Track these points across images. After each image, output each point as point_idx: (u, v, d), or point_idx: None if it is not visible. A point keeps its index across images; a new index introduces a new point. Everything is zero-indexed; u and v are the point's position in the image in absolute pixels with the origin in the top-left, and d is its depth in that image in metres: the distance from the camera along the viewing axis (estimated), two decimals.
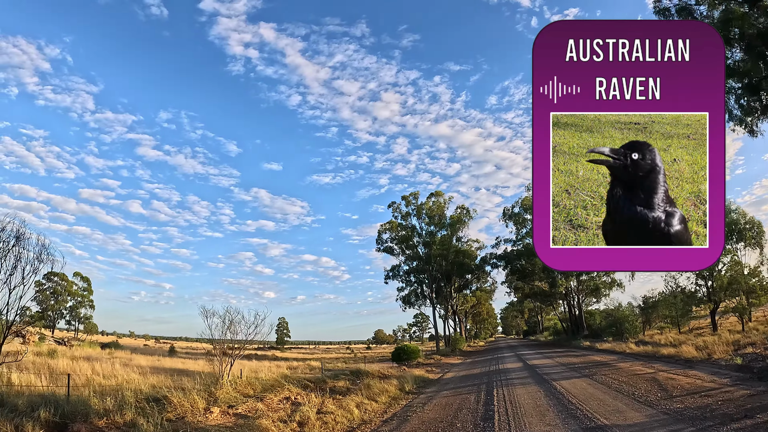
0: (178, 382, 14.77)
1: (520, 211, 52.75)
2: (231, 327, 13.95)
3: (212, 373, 15.07)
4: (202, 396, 12.25)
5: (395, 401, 14.11)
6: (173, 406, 10.98)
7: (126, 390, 12.23)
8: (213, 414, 11.09)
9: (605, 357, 24.63)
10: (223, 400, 12.69)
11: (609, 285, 49.10)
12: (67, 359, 22.75)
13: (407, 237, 53.05)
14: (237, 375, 15.28)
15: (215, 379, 14.28)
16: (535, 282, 54.75)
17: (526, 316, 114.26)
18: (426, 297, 55.52)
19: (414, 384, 18.10)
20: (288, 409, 12.24)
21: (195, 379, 14.57)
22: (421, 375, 21.71)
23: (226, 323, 13.85)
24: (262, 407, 12.14)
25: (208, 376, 15.08)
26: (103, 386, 14.35)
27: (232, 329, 14.04)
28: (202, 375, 15.55)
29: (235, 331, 14.17)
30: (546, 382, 15.41)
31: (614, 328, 37.91)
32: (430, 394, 15.10)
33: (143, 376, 17.88)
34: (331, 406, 12.61)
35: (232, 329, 14.02)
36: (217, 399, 12.80)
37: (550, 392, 12.82)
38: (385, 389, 15.97)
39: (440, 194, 54.97)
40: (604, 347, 31.95)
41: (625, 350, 27.15)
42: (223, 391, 13.45)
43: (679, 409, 9.38)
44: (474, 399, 12.88)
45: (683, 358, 20.11)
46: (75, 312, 72.83)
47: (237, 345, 15.33)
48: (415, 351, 31.20)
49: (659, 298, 37.02)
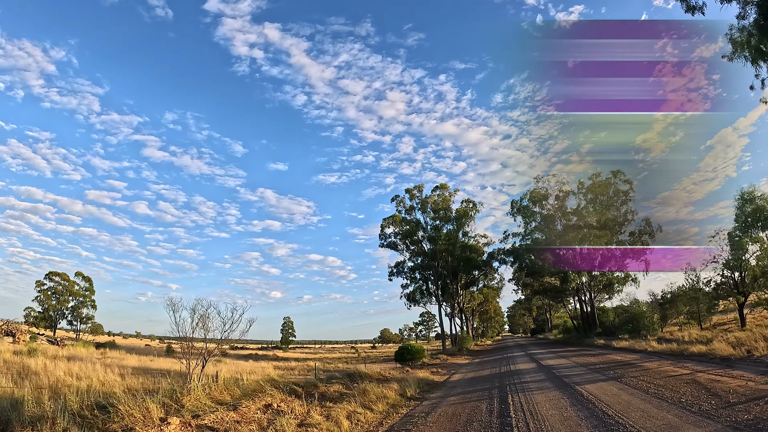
0: (158, 384, 13.05)
1: (529, 204, 50.61)
2: (202, 323, 12.01)
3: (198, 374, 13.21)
4: (160, 403, 10.39)
5: (394, 410, 12.17)
6: (120, 415, 9.11)
7: (72, 394, 10.42)
8: (171, 426, 9.19)
9: (626, 356, 22.57)
10: (189, 409, 10.80)
11: (623, 280, 46.85)
12: (48, 359, 21.32)
13: (411, 231, 50.92)
14: (213, 377, 13.37)
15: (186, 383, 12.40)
16: (545, 278, 52.62)
17: (534, 314, 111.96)
18: (431, 294, 53.40)
19: (417, 388, 16.15)
20: (265, 420, 10.32)
21: (163, 382, 12.72)
22: (426, 377, 19.74)
23: (195, 319, 11.93)
24: (234, 418, 10.23)
25: (184, 378, 13.23)
26: (71, 388, 12.81)
27: (204, 325, 12.10)
28: (169, 378, 13.70)
29: (207, 328, 12.23)
30: (567, 386, 13.39)
31: (630, 325, 35.70)
32: (434, 401, 13.14)
33: (122, 378, 16.39)
34: (317, 417, 10.69)
35: (203, 325, 12.08)
36: (183, 407, 10.93)
37: (577, 399, 10.81)
38: (383, 395, 14.04)
39: (445, 187, 52.82)
40: (620, 345, 29.86)
41: (646, 348, 25.06)
42: (192, 397, 11.57)
43: (751, 422, 7.37)
44: (486, 408, 10.90)
45: (718, 356, 18.04)
46: (77, 312, 71.71)
47: (215, 343, 13.43)
48: (419, 351, 29.24)
49: (679, 292, 34.78)
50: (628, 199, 47.94)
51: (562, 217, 49.60)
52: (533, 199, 50.07)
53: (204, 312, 11.97)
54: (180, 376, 13.77)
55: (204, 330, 12.02)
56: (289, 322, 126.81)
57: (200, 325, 11.91)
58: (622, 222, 47.77)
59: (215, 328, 12.77)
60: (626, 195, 47.92)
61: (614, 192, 47.44)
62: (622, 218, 47.82)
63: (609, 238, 44.72)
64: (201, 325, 11.93)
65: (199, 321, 11.86)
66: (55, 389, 12.83)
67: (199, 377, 12.52)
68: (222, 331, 12.68)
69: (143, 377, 15.99)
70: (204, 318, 11.91)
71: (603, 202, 47.40)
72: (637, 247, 46.52)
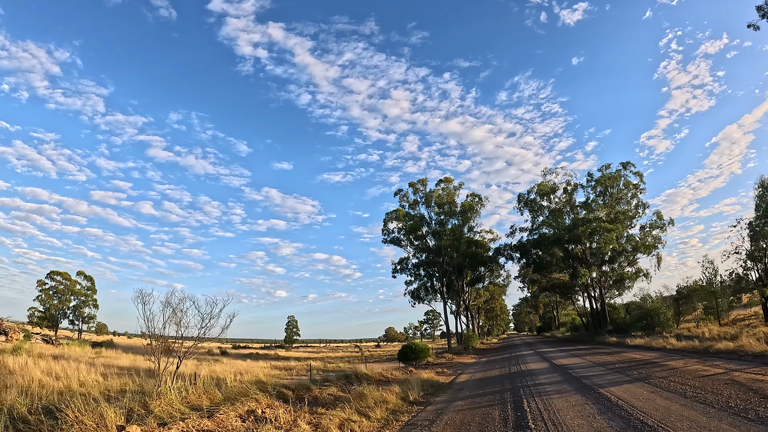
0: (141, 385, 11.74)
1: (536, 198, 49.00)
2: (175, 317, 10.62)
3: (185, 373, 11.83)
4: (126, 408, 9.04)
5: (394, 416, 10.75)
6: (69, 422, 7.75)
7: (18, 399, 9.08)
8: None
9: (644, 354, 21.06)
10: (157, 415, 9.44)
11: (634, 275, 45.17)
12: (33, 357, 20.36)
13: (415, 226, 49.31)
14: (191, 379, 11.99)
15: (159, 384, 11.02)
16: (554, 273, 51.03)
17: (541, 311, 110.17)
18: (436, 291, 51.83)
19: (420, 391, 14.73)
20: (243, 429, 8.94)
21: (130, 383, 11.35)
22: (430, 378, 18.30)
23: (166, 312, 10.55)
24: (207, 427, 8.85)
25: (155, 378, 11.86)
26: (47, 388, 11.87)
27: (177, 320, 10.70)
28: (154, 380, 12.34)
29: (181, 323, 10.83)
30: (589, 389, 11.93)
31: (644, 322, 34.10)
32: (439, 406, 11.71)
33: (104, 378, 15.20)
34: (303, 426, 9.29)
35: (176, 320, 10.69)
36: (151, 412, 9.57)
37: (604, 405, 9.35)
38: (383, 399, 12.63)
39: (450, 181, 51.21)
40: (635, 343, 28.32)
41: (665, 346, 23.55)
42: (163, 401, 10.21)
43: None
44: (499, 416, 9.46)
45: (749, 353, 16.58)
46: (78, 311, 70.88)
47: (192, 340, 12.06)
48: (423, 350, 27.79)
49: (695, 286, 33.15)
50: (638, 192, 46.32)
51: (570, 210, 47.96)
52: (541, 192, 48.45)
53: (176, 305, 10.56)
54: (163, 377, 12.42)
55: (177, 325, 10.62)
56: (294, 321, 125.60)
57: (173, 320, 10.51)
58: (633, 215, 46.13)
59: (192, 323, 11.39)
60: (636, 187, 46.27)
61: (624, 184, 45.79)
62: (632, 211, 46.19)
63: (620, 232, 43.08)
64: (173, 320, 10.53)
65: (171, 315, 10.46)
66: (25, 389, 11.58)
67: (173, 379, 11.16)
68: (200, 327, 11.27)
69: (128, 378, 14.71)
70: (177, 312, 10.51)
71: (613, 195, 45.74)
72: (648, 241, 44.89)
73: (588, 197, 47.05)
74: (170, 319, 10.57)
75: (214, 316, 11.38)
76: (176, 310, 10.55)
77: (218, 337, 11.84)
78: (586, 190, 47.79)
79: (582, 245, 45.52)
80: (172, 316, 10.55)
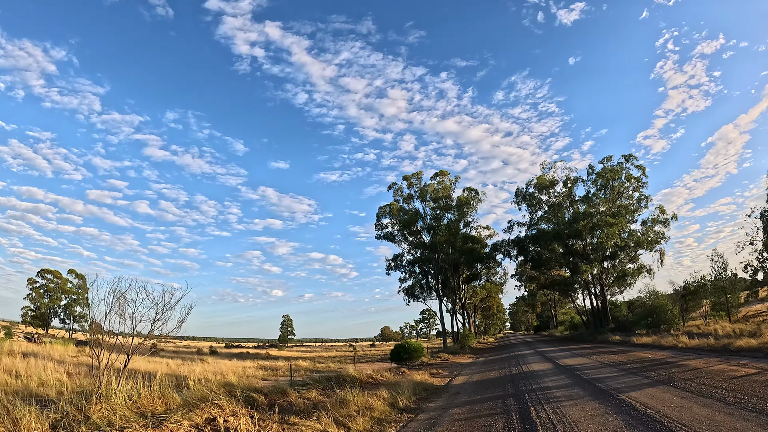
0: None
1: (535, 192, 47.41)
2: (119, 307, 8.90)
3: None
4: (62, 413, 7.39)
5: (379, 427, 9.09)
6: None
7: None
8: None
9: (655, 353, 19.51)
10: (94, 422, 7.81)
11: (636, 272, 43.64)
12: (2, 355, 19.37)
13: (410, 221, 47.54)
14: (145, 380, 10.28)
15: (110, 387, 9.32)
16: (553, 270, 49.47)
17: (539, 310, 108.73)
18: (431, 289, 50.13)
19: (412, 395, 13.07)
20: None
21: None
22: (424, 380, 16.64)
23: (111, 302, 8.84)
24: None
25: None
26: None
27: (122, 310, 8.99)
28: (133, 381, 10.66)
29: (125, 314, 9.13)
30: (606, 394, 10.29)
31: (649, 320, 32.57)
32: (433, 415, 10.05)
33: (69, 377, 13.87)
34: None
35: (120, 310, 8.97)
36: (88, 418, 7.92)
37: (631, 416, 7.71)
38: (367, 405, 10.97)
39: (445, 174, 49.50)
40: (642, 341, 26.80)
41: (676, 344, 22.01)
42: (105, 406, 8.54)
43: None
44: (503, 428, 7.81)
45: None
46: (69, 310, 69.10)
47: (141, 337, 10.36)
48: (417, 349, 26.14)
49: (703, 282, 31.65)
50: (640, 185, 44.81)
51: (570, 205, 46.40)
52: (539, 186, 46.86)
53: (121, 294, 8.83)
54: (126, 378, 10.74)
55: (121, 315, 8.92)
56: (289, 320, 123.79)
57: (116, 310, 8.80)
58: (635, 209, 44.61)
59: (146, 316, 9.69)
60: (638, 181, 44.76)
61: (626, 177, 44.27)
62: (634, 205, 44.67)
63: (622, 227, 41.56)
64: (117, 310, 8.82)
65: (114, 304, 8.74)
66: None
67: (119, 379, 9.47)
68: (152, 319, 9.58)
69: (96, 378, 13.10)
70: (121, 300, 8.79)
71: (615, 189, 44.19)
72: (651, 237, 43.41)
73: (589, 191, 45.53)
74: (113, 308, 8.87)
75: (169, 307, 9.67)
76: (120, 299, 8.83)
77: (173, 333, 10.14)
78: (587, 183, 46.30)
79: (582, 240, 43.98)
80: (116, 304, 8.84)
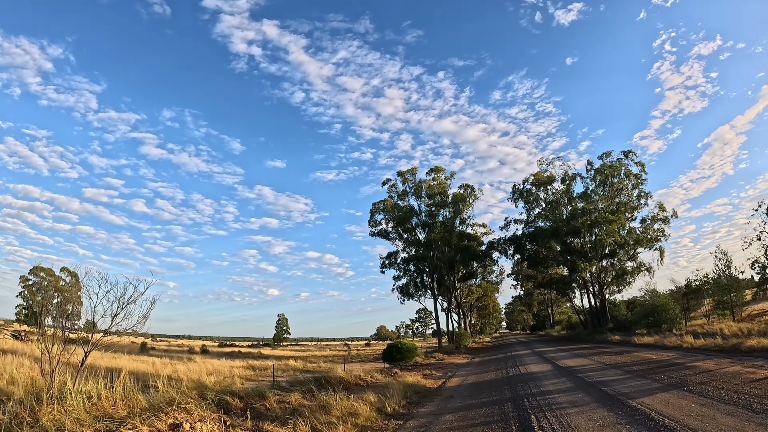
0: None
1: (532, 188, 46.44)
2: (74, 298, 7.85)
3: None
4: (12, 415, 6.33)
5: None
6: None
7: None
8: None
9: (660, 354, 18.54)
10: (43, 425, 6.79)
11: (636, 270, 42.73)
12: None
13: (405, 218, 46.45)
14: (107, 380, 9.19)
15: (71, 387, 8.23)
16: (550, 268, 48.53)
17: (535, 309, 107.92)
18: (426, 287, 49.09)
19: (402, 399, 12.03)
20: None
21: None
22: (416, 382, 15.61)
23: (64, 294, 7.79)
24: None
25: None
26: None
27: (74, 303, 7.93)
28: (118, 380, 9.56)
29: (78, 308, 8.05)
30: (614, 399, 9.27)
31: (650, 319, 31.62)
32: (423, 422, 9.01)
33: (44, 377, 12.66)
34: None
35: (72, 303, 7.91)
36: (37, 421, 6.87)
37: (648, 428, 6.68)
38: (352, 410, 9.93)
39: (441, 170, 48.44)
40: (643, 341, 25.86)
41: (680, 344, 21.08)
42: (56, 408, 7.47)
43: None
44: None
45: None
46: (62, 308, 67.78)
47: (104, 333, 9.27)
48: (410, 349, 25.10)
49: (706, 280, 30.74)
50: (640, 182, 43.89)
51: (568, 202, 45.46)
52: (537, 182, 45.89)
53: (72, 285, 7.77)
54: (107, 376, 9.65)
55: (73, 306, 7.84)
56: (284, 319, 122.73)
57: (68, 302, 7.73)
58: (635, 207, 43.71)
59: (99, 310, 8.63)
60: (638, 177, 43.85)
61: (625, 174, 43.37)
62: (634, 202, 43.77)
63: (621, 224, 40.65)
64: (69, 302, 7.75)
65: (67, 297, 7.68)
66: None
67: (75, 380, 8.41)
68: (112, 313, 8.54)
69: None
70: (72, 293, 7.73)
71: (614, 185, 43.28)
72: (650, 234, 42.54)
73: (587, 188, 44.58)
74: (65, 301, 7.81)
75: (130, 300, 8.64)
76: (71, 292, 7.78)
77: (135, 330, 9.06)
78: (585, 180, 45.37)
79: (581, 238, 43.04)
80: (72, 297, 7.79)
